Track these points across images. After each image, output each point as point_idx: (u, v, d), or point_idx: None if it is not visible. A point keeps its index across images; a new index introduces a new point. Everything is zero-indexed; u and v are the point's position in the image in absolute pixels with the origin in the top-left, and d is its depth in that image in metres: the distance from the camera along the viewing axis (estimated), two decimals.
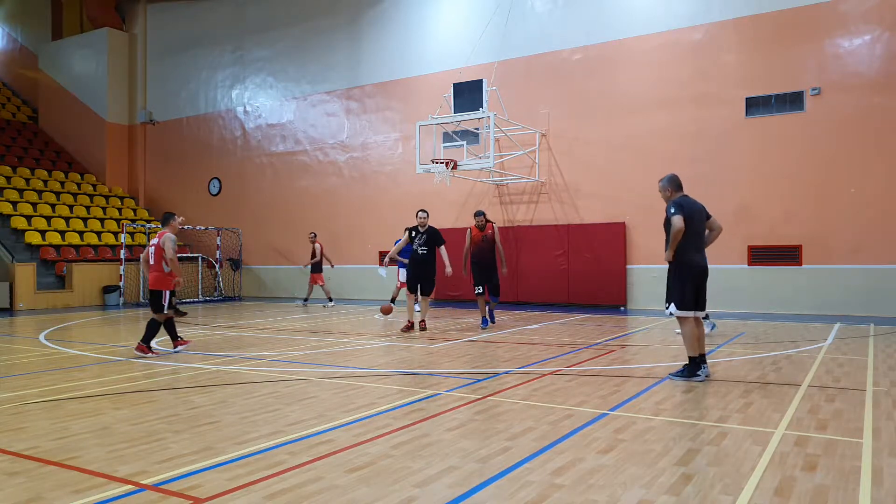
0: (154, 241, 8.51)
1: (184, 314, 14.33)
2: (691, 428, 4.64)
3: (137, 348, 8.30)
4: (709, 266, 6.60)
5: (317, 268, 16.83)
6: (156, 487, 3.54)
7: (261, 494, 3.42)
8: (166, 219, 8.74)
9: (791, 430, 4.55)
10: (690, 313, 6.38)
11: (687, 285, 6.40)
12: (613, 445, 4.23)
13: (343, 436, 4.51)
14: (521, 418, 4.95)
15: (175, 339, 8.69)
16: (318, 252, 16.82)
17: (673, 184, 6.82)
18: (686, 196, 6.68)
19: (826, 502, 3.28)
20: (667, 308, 6.52)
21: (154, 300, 8.41)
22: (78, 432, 4.72)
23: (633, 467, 3.80)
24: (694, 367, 6.38)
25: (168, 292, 8.40)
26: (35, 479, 3.70)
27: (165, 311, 8.40)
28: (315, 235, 17.26)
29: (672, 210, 6.51)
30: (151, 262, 8.44)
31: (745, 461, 3.89)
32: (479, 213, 11.09)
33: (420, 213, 10.89)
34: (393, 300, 14.00)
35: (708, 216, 6.68)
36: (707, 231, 6.68)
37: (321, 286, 16.88)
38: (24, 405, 5.61)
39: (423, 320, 11.09)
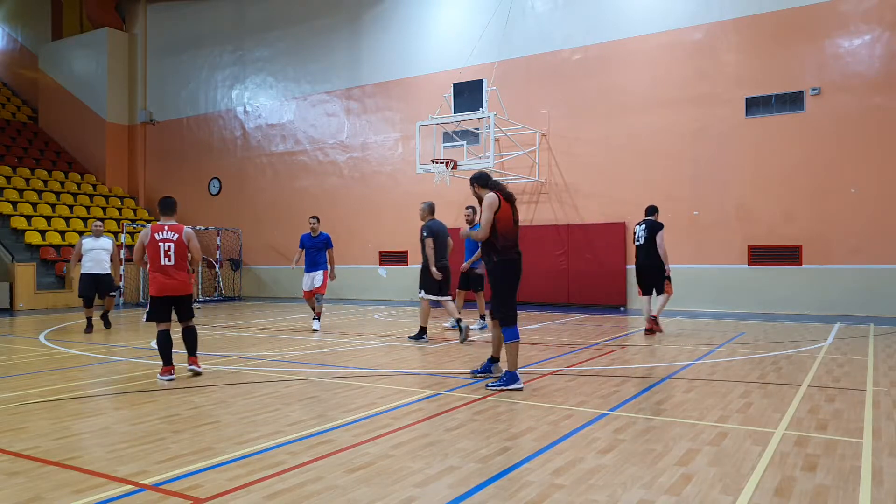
0: (171, 234, 6.87)
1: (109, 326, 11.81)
2: (691, 428, 4.64)
3: (192, 362, 6.91)
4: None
5: None
6: (156, 487, 3.54)
7: (261, 494, 3.42)
8: (173, 206, 7.17)
9: (791, 430, 4.55)
10: (434, 297, 9.26)
11: (434, 281, 9.17)
12: (613, 445, 4.22)
13: (343, 436, 4.51)
14: (521, 418, 4.95)
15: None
16: None
17: (430, 210, 9.44)
18: (435, 220, 9.41)
19: (826, 502, 3.28)
20: (419, 293, 9.34)
21: (188, 306, 7.02)
22: (78, 432, 4.71)
23: (633, 467, 3.80)
24: (421, 332, 9.39)
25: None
26: (35, 479, 3.70)
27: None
28: None
29: (425, 234, 9.23)
30: (171, 262, 6.85)
31: (745, 461, 3.89)
32: (488, 177, 6.39)
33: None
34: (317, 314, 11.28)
35: (447, 235, 9.54)
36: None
37: None
38: (24, 405, 5.61)
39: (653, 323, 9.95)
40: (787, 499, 3.32)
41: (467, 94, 14.20)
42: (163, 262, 6.80)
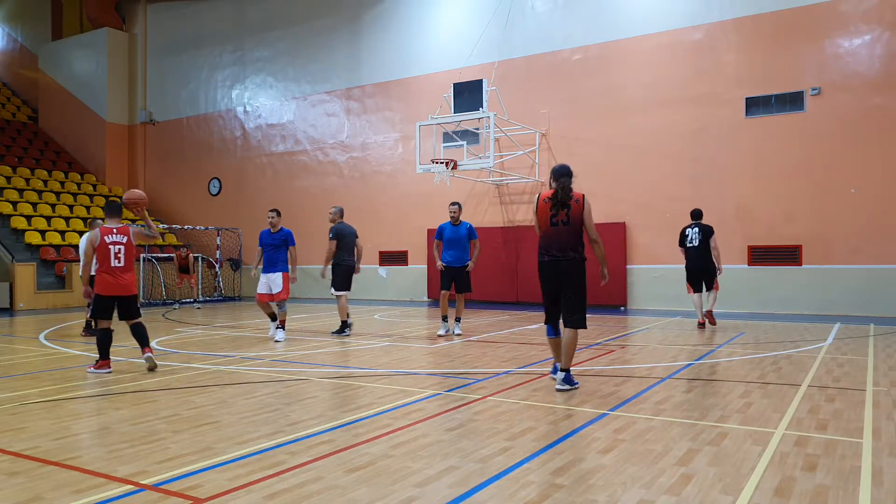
0: (120, 237, 7.18)
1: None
2: (691, 428, 4.64)
3: (146, 351, 7.24)
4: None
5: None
6: (156, 487, 3.54)
7: (261, 494, 3.42)
8: (119, 209, 7.46)
9: (791, 430, 4.55)
10: (343, 293, 10.30)
11: (341, 277, 10.27)
12: (613, 445, 4.22)
13: (343, 436, 4.51)
14: (521, 418, 4.95)
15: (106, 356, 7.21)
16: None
17: (340, 214, 10.52)
18: (343, 222, 10.42)
19: (826, 502, 3.28)
20: (331, 291, 10.38)
21: (134, 305, 7.33)
22: (78, 432, 4.72)
23: (633, 467, 3.80)
24: (343, 326, 10.31)
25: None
26: (35, 479, 3.70)
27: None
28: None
29: (331, 235, 10.27)
30: (121, 263, 7.13)
31: (745, 461, 3.89)
32: (561, 173, 6.40)
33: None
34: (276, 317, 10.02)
35: (356, 236, 10.57)
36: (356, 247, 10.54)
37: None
38: (24, 405, 5.61)
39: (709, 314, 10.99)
40: (787, 499, 3.32)
41: (467, 94, 14.20)
42: (113, 264, 7.13)
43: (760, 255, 13.75)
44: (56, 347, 9.34)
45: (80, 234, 19.96)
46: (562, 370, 5.99)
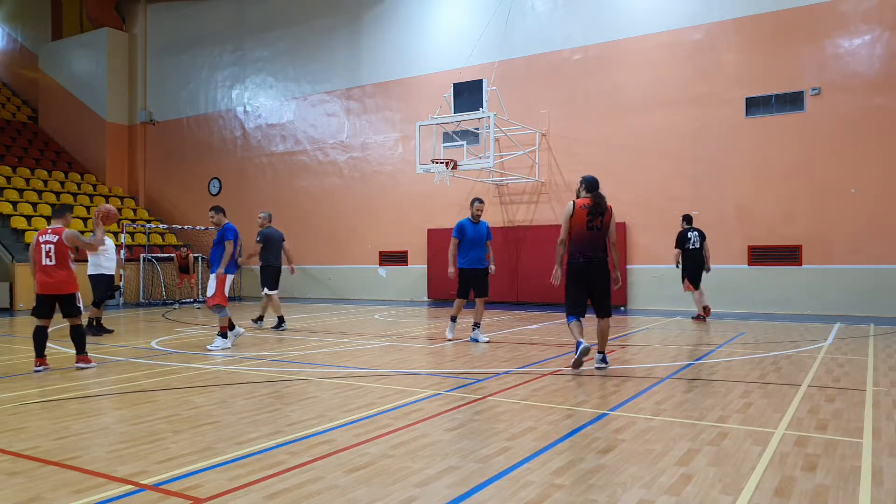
0: (52, 237, 7.27)
1: (110, 331, 11.16)
2: (691, 428, 4.64)
3: (79, 360, 7.40)
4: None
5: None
6: (156, 487, 3.54)
7: (261, 494, 3.42)
8: (62, 211, 7.63)
9: (791, 430, 4.55)
10: (275, 292, 11.24)
11: (270, 277, 11.17)
12: (613, 445, 4.22)
13: (343, 436, 4.51)
14: (521, 418, 4.95)
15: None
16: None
17: (268, 218, 11.30)
18: (271, 227, 11.34)
19: (826, 502, 3.28)
20: (264, 290, 11.26)
21: (71, 304, 7.35)
22: (78, 432, 4.71)
23: (633, 467, 3.80)
24: (280, 321, 11.22)
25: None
26: (35, 479, 3.70)
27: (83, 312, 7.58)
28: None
29: (258, 239, 11.13)
30: (52, 261, 7.23)
31: (745, 461, 3.89)
32: (595, 185, 6.99)
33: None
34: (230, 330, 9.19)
35: (283, 240, 11.49)
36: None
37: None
38: (24, 405, 5.61)
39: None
40: (787, 499, 3.32)
41: (467, 94, 14.20)
42: (44, 262, 7.27)
43: (760, 255, 13.75)
44: (56, 347, 9.33)
45: (80, 234, 19.93)
46: (599, 352, 7.10)
